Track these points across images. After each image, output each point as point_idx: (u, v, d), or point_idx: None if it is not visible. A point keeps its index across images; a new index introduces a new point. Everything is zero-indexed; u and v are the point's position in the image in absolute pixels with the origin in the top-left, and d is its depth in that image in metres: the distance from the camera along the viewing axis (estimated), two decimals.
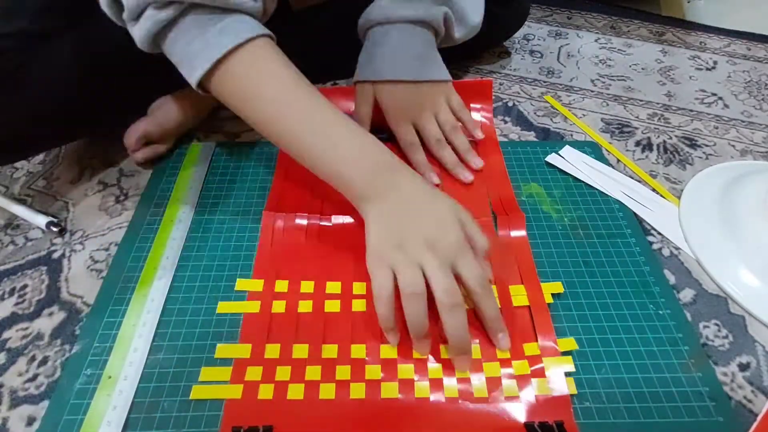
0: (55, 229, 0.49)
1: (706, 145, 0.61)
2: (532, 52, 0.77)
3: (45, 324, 0.42)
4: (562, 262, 0.47)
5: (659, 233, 0.51)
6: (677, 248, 0.50)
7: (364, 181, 0.41)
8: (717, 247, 0.48)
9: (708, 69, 0.75)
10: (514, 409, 0.37)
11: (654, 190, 0.55)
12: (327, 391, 0.38)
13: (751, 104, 0.68)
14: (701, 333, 0.43)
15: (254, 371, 0.39)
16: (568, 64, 0.74)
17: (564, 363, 0.40)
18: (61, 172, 0.56)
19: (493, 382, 0.39)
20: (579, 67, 0.74)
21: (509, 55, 0.76)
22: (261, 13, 0.45)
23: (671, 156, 0.60)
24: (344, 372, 0.39)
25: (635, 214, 0.52)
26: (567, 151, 0.58)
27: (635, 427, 0.37)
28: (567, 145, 0.58)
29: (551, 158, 0.57)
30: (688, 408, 0.38)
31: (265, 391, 0.38)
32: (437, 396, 0.38)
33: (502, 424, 0.36)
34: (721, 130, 0.64)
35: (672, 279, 0.47)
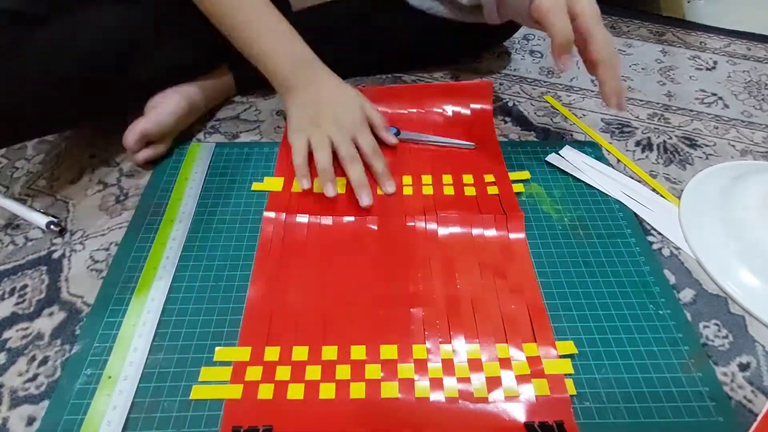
0: (55, 229, 0.49)
1: (706, 145, 0.61)
2: (532, 52, 0.77)
3: (45, 324, 0.42)
4: (562, 262, 0.47)
5: (659, 233, 0.51)
6: (677, 248, 0.50)
7: (290, 71, 0.53)
8: (717, 247, 0.48)
9: (708, 69, 0.75)
10: (514, 409, 0.37)
11: (654, 190, 0.55)
12: (327, 391, 0.38)
13: (751, 104, 0.68)
14: (701, 333, 0.43)
15: (254, 371, 0.39)
16: None
17: (563, 367, 0.40)
18: (61, 172, 0.56)
19: (493, 382, 0.39)
20: (579, 67, 0.73)
21: (509, 55, 0.76)
22: None
23: (671, 156, 0.60)
24: (344, 372, 0.39)
25: (635, 214, 0.52)
26: (567, 151, 0.58)
27: (635, 427, 0.37)
28: (567, 145, 0.58)
29: (551, 158, 0.57)
30: (688, 408, 0.38)
31: (265, 391, 0.38)
32: (437, 396, 0.38)
33: (502, 424, 0.36)
34: (721, 130, 0.64)
35: (672, 279, 0.47)
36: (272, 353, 0.40)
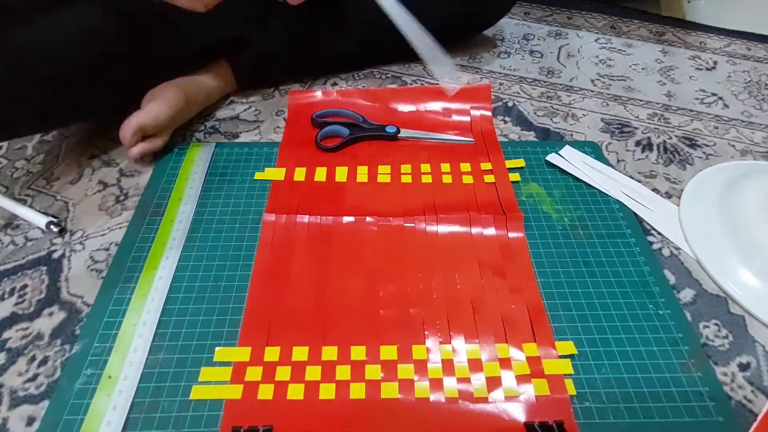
0: (55, 229, 0.49)
1: (706, 145, 0.61)
2: (532, 52, 0.77)
3: (45, 324, 0.42)
4: (562, 262, 0.47)
5: (659, 233, 0.51)
6: (677, 248, 0.50)
7: None
8: (717, 247, 0.48)
9: (708, 69, 0.75)
10: (514, 409, 0.37)
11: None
12: (327, 392, 0.38)
13: (751, 104, 0.68)
14: (701, 333, 0.43)
15: (254, 372, 0.39)
16: (568, 64, 0.74)
17: (563, 367, 0.40)
18: (61, 172, 0.56)
19: (493, 382, 0.39)
20: (579, 67, 0.74)
21: (509, 55, 0.76)
22: None
23: (671, 156, 0.60)
24: (344, 372, 0.39)
25: (635, 214, 0.52)
26: (567, 151, 0.58)
27: (635, 427, 0.37)
28: (567, 145, 0.58)
29: (551, 158, 0.57)
30: (688, 408, 0.38)
31: (265, 392, 0.38)
32: (437, 396, 0.38)
33: (502, 424, 0.36)
34: (721, 130, 0.64)
35: (672, 279, 0.47)
36: (272, 353, 0.40)
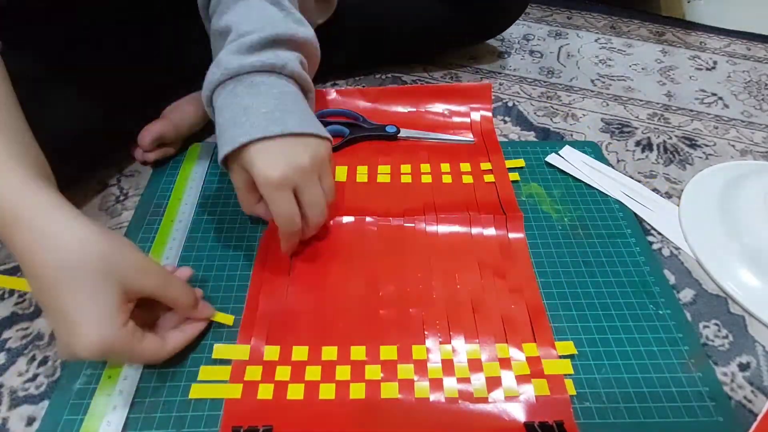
0: None
1: (706, 145, 0.61)
2: (532, 52, 0.77)
3: (45, 324, 0.42)
4: (562, 262, 0.47)
5: (659, 233, 0.51)
6: (677, 248, 0.50)
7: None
8: (717, 247, 0.48)
9: (708, 69, 0.75)
10: (514, 409, 0.37)
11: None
12: (327, 392, 0.38)
13: (751, 104, 0.68)
14: (701, 333, 0.43)
15: (254, 371, 0.39)
16: (568, 64, 0.74)
17: (563, 367, 0.40)
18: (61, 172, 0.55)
19: (493, 382, 0.39)
20: (579, 67, 0.74)
21: (509, 55, 0.76)
22: None
23: (671, 156, 0.60)
24: (344, 372, 0.39)
25: (635, 214, 0.52)
26: (567, 151, 0.58)
27: (635, 427, 0.37)
28: (567, 145, 0.58)
29: (551, 158, 0.57)
30: (688, 408, 0.38)
31: (265, 391, 0.38)
32: (437, 396, 0.38)
33: (502, 424, 0.36)
34: (721, 130, 0.64)
35: (672, 279, 0.47)
36: (272, 353, 0.40)
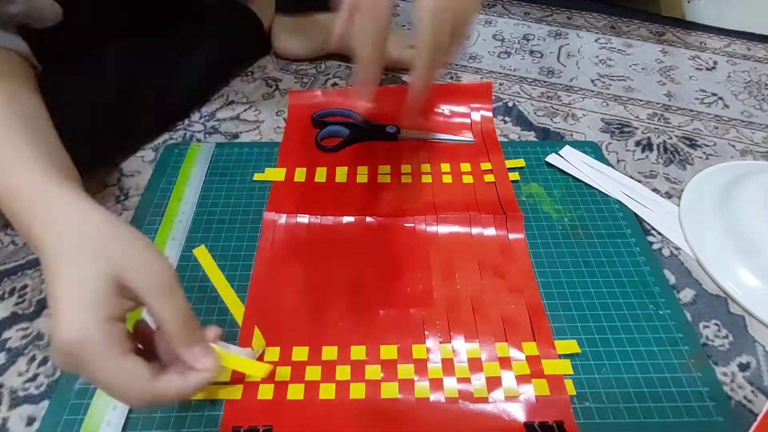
0: None
1: (706, 145, 0.61)
2: (532, 52, 0.77)
3: (45, 324, 0.42)
4: (562, 262, 0.47)
5: (659, 233, 0.51)
6: (677, 248, 0.50)
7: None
8: (717, 247, 0.48)
9: (708, 69, 0.75)
10: (514, 409, 0.37)
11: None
12: (327, 392, 0.38)
13: (751, 104, 0.68)
14: (701, 333, 0.43)
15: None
16: (568, 64, 0.74)
17: (562, 367, 0.40)
18: None
19: (493, 382, 0.39)
20: (579, 67, 0.74)
21: (509, 55, 0.76)
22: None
23: (671, 156, 0.60)
24: (344, 372, 0.39)
25: (635, 214, 0.52)
26: (567, 151, 0.58)
27: (635, 427, 0.37)
28: (567, 145, 0.58)
29: (551, 158, 0.57)
30: (688, 408, 0.38)
31: (265, 392, 0.38)
32: (437, 396, 0.38)
33: (502, 424, 0.36)
34: (721, 130, 0.64)
35: (672, 279, 0.47)
36: (272, 353, 0.40)
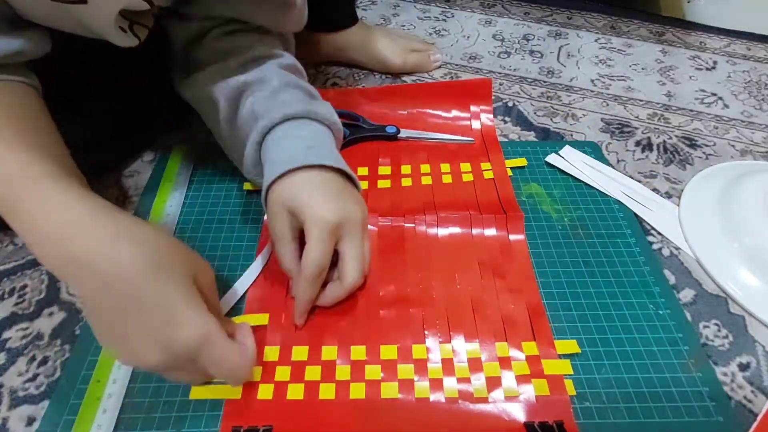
0: None
1: (706, 145, 0.61)
2: (532, 52, 0.77)
3: (45, 324, 0.42)
4: (562, 262, 0.47)
5: (659, 233, 0.51)
6: (677, 248, 0.50)
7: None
8: (717, 247, 0.48)
9: (708, 69, 0.75)
10: (514, 409, 0.37)
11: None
12: (327, 391, 0.38)
13: (751, 104, 0.68)
14: (701, 333, 0.43)
15: (254, 371, 0.39)
16: (568, 64, 0.74)
17: (562, 367, 0.40)
18: None
19: (493, 382, 0.39)
20: (579, 67, 0.74)
21: (509, 55, 0.76)
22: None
23: (671, 156, 0.60)
24: (344, 372, 0.39)
25: (635, 214, 0.52)
26: (567, 151, 0.58)
27: (635, 427, 0.37)
28: (567, 145, 0.58)
29: (551, 158, 0.57)
30: (688, 408, 0.38)
31: (265, 391, 0.38)
32: (437, 396, 0.38)
33: (502, 424, 0.36)
34: (721, 130, 0.64)
35: (672, 279, 0.47)
36: (272, 353, 0.40)
